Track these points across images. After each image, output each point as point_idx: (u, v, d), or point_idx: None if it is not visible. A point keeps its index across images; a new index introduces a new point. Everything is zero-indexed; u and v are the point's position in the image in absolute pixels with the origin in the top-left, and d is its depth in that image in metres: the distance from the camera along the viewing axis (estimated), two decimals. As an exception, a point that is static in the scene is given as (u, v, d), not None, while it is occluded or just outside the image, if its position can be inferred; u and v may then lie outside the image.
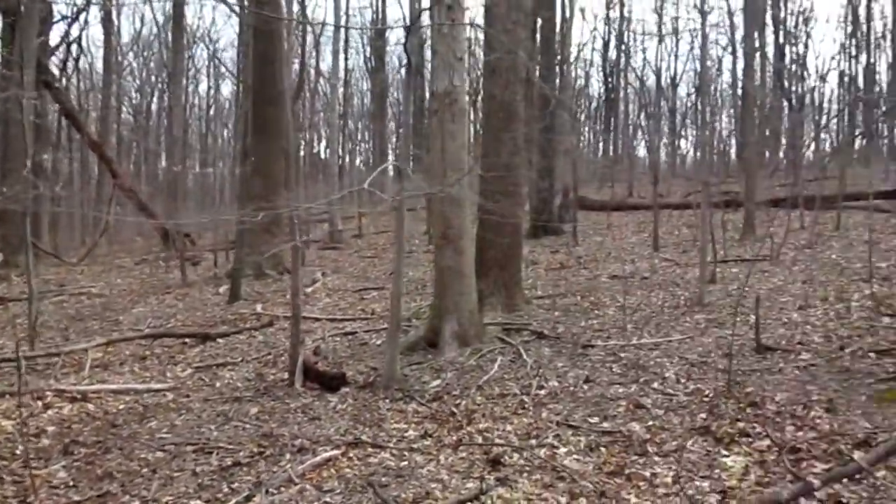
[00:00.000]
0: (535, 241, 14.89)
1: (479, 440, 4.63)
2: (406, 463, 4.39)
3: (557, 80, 18.61)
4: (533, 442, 4.54)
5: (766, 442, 4.13)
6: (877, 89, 30.61)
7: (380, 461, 4.45)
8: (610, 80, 32.35)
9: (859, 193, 15.53)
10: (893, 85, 28.64)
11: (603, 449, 4.35)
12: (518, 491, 3.86)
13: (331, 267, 13.82)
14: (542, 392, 5.47)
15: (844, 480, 3.57)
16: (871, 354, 5.67)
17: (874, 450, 3.82)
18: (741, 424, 4.40)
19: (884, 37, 30.87)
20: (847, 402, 4.63)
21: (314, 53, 26.96)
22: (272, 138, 12.65)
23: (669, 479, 3.85)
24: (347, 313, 9.48)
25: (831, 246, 11.96)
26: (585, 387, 5.53)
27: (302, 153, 29.44)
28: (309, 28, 23.00)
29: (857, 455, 3.78)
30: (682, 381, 5.43)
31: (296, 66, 20.97)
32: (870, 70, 30.69)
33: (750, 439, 4.22)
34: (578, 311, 8.36)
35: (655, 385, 5.38)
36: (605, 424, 4.75)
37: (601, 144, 36.13)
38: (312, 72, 28.38)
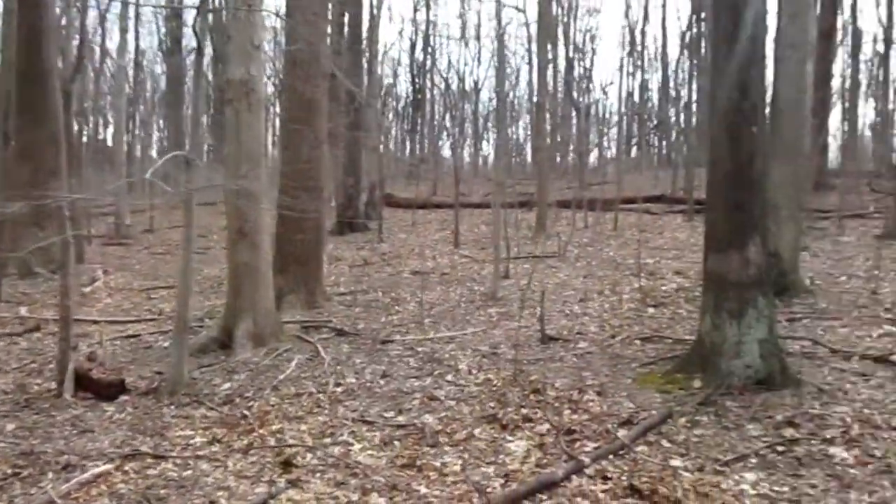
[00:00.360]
0: (340, 238, 14.80)
1: (272, 442, 4.46)
2: (190, 472, 4.10)
3: (365, 78, 18.62)
4: (327, 440, 4.46)
5: (546, 426, 4.41)
6: (649, 105, 34.31)
7: (160, 472, 4.12)
8: (417, 80, 33.10)
9: (633, 197, 17.30)
10: (663, 101, 32.28)
11: (397, 443, 4.38)
12: (309, 492, 3.77)
13: (115, 264, 12.67)
14: (339, 389, 5.41)
15: (611, 456, 3.91)
16: (637, 342, 6.32)
17: (635, 427, 4.24)
18: (525, 411, 4.66)
19: (655, 59, 34.74)
20: (615, 385, 5.10)
21: (99, 30, 24.57)
22: (40, 121, 11.26)
23: (458, 468, 3.97)
24: (131, 314, 8.74)
25: (609, 244, 13.19)
26: (382, 382, 5.56)
27: (85, 139, 26.74)
28: (93, 1, 20.89)
29: (621, 433, 4.17)
30: (474, 372, 5.65)
31: (76, 42, 18.93)
32: (644, 87, 34.39)
33: (532, 424, 4.48)
34: (380, 307, 8.41)
35: (449, 377, 5.55)
36: (401, 418, 4.80)
37: (408, 143, 36.86)
38: (97, 50, 25.88)
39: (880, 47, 29.43)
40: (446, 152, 35.31)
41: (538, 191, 15.62)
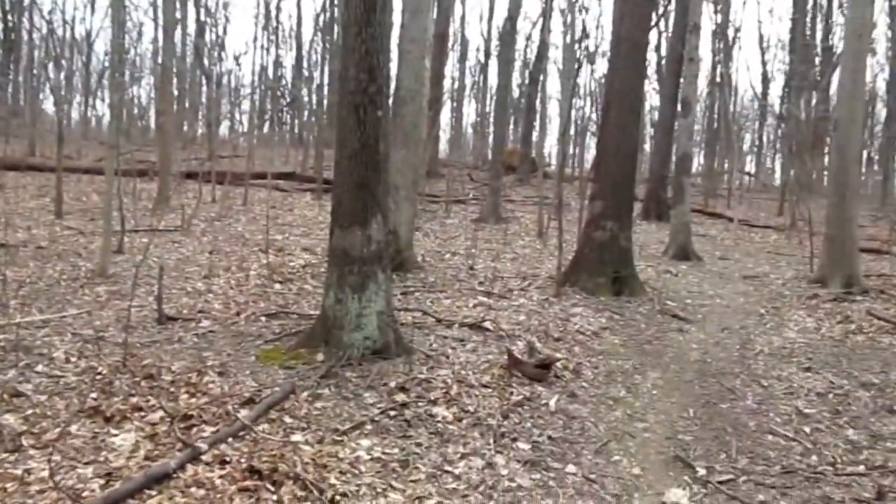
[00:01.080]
0: None
1: None
2: None
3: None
4: None
5: (160, 414, 4.01)
6: (283, 82, 34.34)
7: None
8: (10, 17, 27.81)
9: (264, 173, 17.11)
10: (297, 80, 32.61)
11: (-38, 453, 3.55)
12: None
13: None
14: None
15: (230, 439, 3.72)
16: (263, 318, 6.19)
17: (257, 406, 4.11)
18: (135, 399, 4.18)
19: (290, 36, 34.87)
20: (239, 365, 4.90)
21: None
22: None
23: (46, 473, 3.36)
24: None
25: (239, 219, 12.83)
26: (-57, 381, 4.47)
27: None
28: None
29: (242, 413, 4.00)
30: (74, 359, 4.89)
31: None
32: (278, 63, 34.27)
33: (143, 413, 4.04)
34: (-54, 286, 6.80)
35: (40, 368, 4.71)
36: (-32, 422, 3.90)
37: (-3, 91, 30.84)
38: None
39: (482, 57, 34.12)
40: (49, 107, 30.51)
41: (161, 159, 14.39)
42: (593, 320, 6.99)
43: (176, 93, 23.05)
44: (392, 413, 4.21)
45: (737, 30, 29.86)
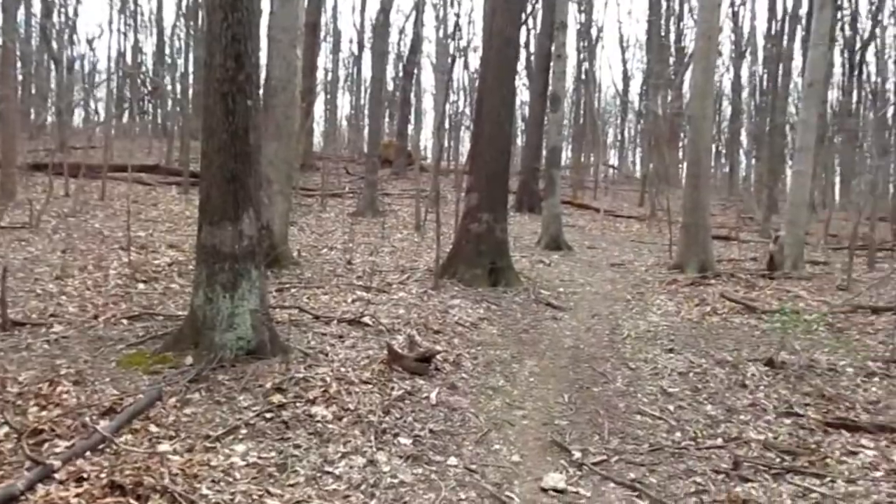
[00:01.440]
0: None
1: None
2: None
3: None
4: None
5: (5, 430, 3.63)
6: (143, 69, 32.30)
7: None
8: None
9: (124, 165, 16.00)
10: (158, 67, 30.78)
11: None
12: None
13: None
14: None
15: (88, 454, 3.42)
16: (124, 321, 5.78)
17: (119, 416, 3.81)
18: (-26, 416, 3.76)
19: (150, 21, 32.85)
20: (97, 372, 4.53)
21: None
22: None
23: None
24: None
25: (96, 215, 11.95)
26: None
27: None
28: None
29: (101, 425, 3.70)
30: None
31: None
32: (137, 49, 32.23)
33: (-16, 431, 3.64)
34: None
35: None
36: None
37: None
38: None
39: (355, 49, 33.77)
40: None
41: (3, 149, 13.10)
42: (471, 311, 7.08)
43: (20, 77, 21.13)
44: (268, 415, 4.04)
45: (599, 29, 31.37)
